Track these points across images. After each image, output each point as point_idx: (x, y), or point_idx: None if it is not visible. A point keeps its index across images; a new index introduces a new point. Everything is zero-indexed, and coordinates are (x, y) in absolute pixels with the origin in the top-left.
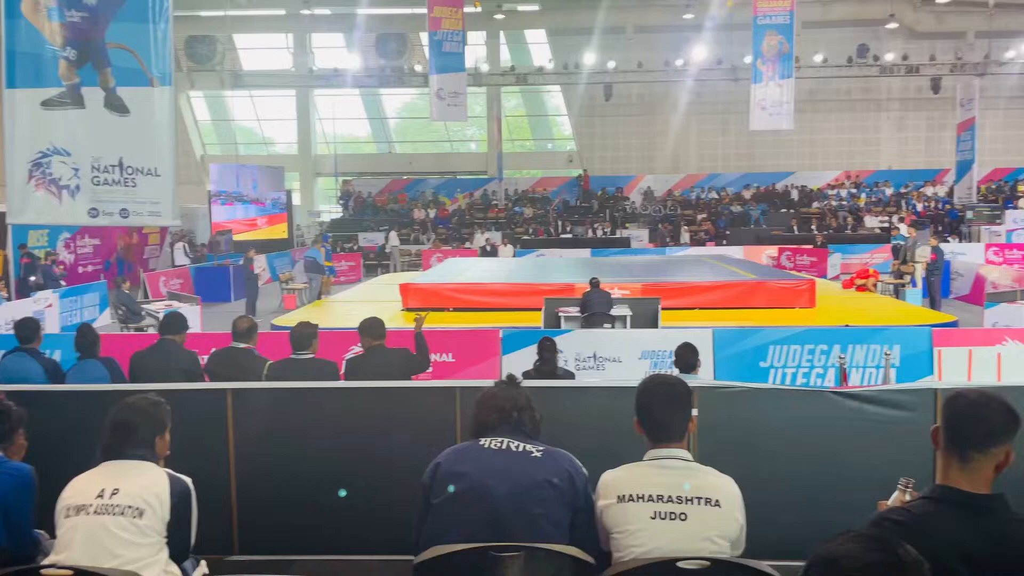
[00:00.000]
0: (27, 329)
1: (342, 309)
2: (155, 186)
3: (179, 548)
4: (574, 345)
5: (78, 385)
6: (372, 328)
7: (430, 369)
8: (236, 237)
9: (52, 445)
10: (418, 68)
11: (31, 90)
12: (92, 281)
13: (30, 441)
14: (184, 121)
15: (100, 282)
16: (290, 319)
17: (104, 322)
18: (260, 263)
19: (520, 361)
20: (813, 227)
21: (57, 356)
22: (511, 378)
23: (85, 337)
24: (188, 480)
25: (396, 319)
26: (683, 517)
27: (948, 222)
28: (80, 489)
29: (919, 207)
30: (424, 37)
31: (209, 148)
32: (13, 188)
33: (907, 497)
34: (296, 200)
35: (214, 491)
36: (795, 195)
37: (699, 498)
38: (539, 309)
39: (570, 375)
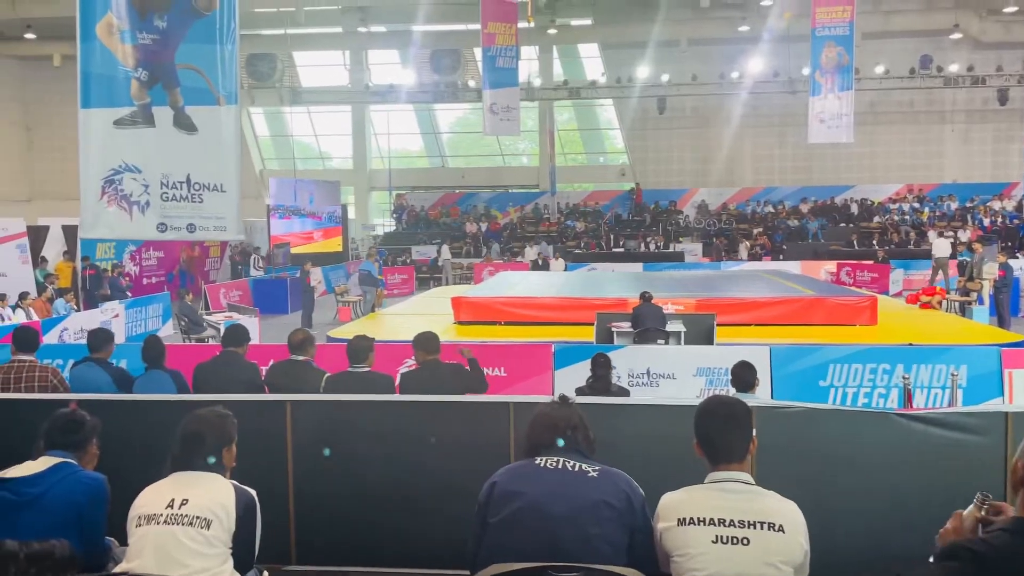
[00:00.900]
0: (98, 339)
1: (395, 322)
2: (221, 201)
3: (244, 558)
4: (627, 361)
5: (146, 396)
6: (427, 342)
7: (486, 389)
8: (293, 250)
9: (121, 454)
10: (471, 83)
11: (104, 110)
12: (156, 292)
13: (100, 450)
14: (244, 136)
15: (163, 293)
16: (345, 331)
17: (167, 332)
18: (316, 276)
19: (572, 376)
20: (874, 242)
21: (123, 366)
22: (563, 399)
23: (153, 348)
24: (253, 492)
25: (448, 332)
26: (745, 542)
27: (1018, 238)
28: (151, 499)
29: (986, 222)
30: (478, 53)
31: (268, 163)
32: (86, 204)
33: (982, 514)
34: (351, 214)
35: (273, 501)
36: (855, 209)
37: (762, 522)
38: (591, 324)
39: (624, 392)
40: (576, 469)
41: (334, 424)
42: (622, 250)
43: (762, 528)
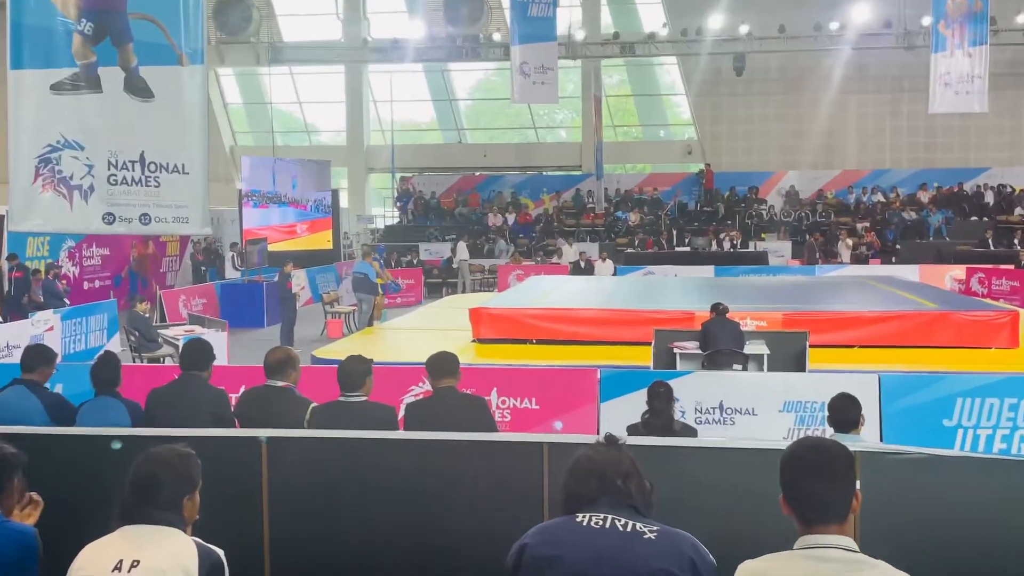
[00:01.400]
0: (34, 358)
1: (398, 339)
2: (182, 186)
3: None
4: (694, 391)
5: (91, 429)
6: (443, 365)
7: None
8: (271, 247)
9: (56, 502)
10: (496, 37)
11: (39, 71)
12: (100, 300)
13: (27, 495)
14: (212, 105)
15: (109, 301)
16: (336, 350)
17: (113, 349)
18: (299, 280)
19: (624, 411)
20: (1015, 240)
21: (59, 391)
22: (611, 439)
23: (107, 368)
24: (220, 552)
25: (465, 352)
26: None
27: None
28: (93, 559)
29: None
30: None
31: (240, 138)
32: (16, 189)
33: None
34: (344, 202)
35: (246, 563)
36: (990, 198)
37: None
38: (648, 343)
39: (691, 431)
40: (628, 529)
41: (322, 467)
42: (687, 249)
43: None
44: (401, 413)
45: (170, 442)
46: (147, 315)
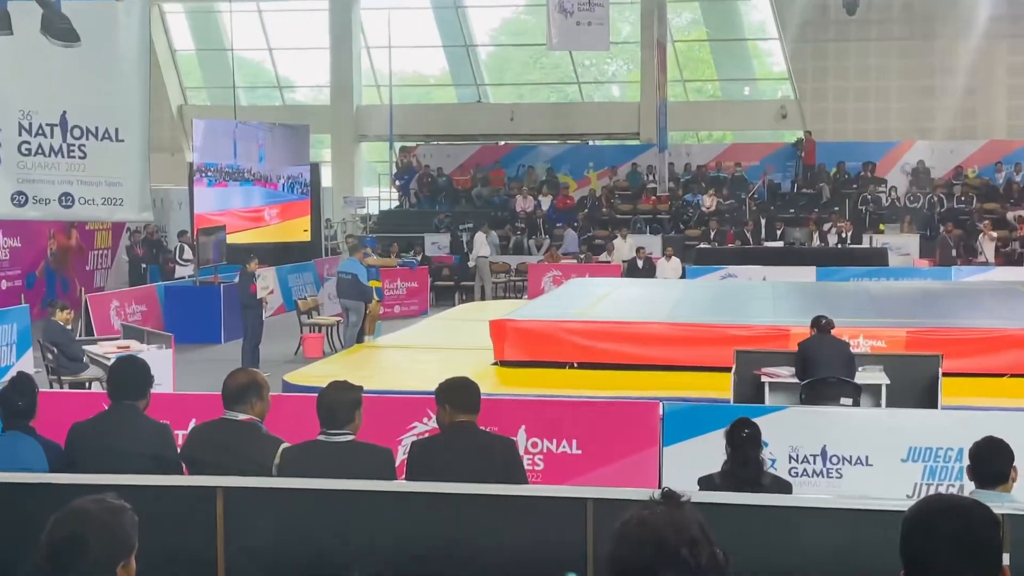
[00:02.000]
0: None
1: (398, 360)
2: (115, 158)
3: None
4: (788, 433)
5: None
6: (458, 396)
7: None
8: (231, 238)
9: None
10: None
11: None
12: (8, 305)
13: None
14: (155, 51)
15: (20, 307)
16: (315, 374)
17: (25, 370)
18: (267, 281)
19: (693, 457)
20: None
21: None
22: (672, 496)
23: (20, 394)
24: None
25: (486, 378)
26: None
27: None
28: None
29: None
30: None
31: (192, 95)
32: None
33: None
34: (326, 179)
35: None
36: None
37: None
38: (727, 369)
39: (783, 486)
40: None
41: (295, 526)
42: (780, 245)
43: None
44: (400, 457)
45: (97, 492)
46: (69, 326)
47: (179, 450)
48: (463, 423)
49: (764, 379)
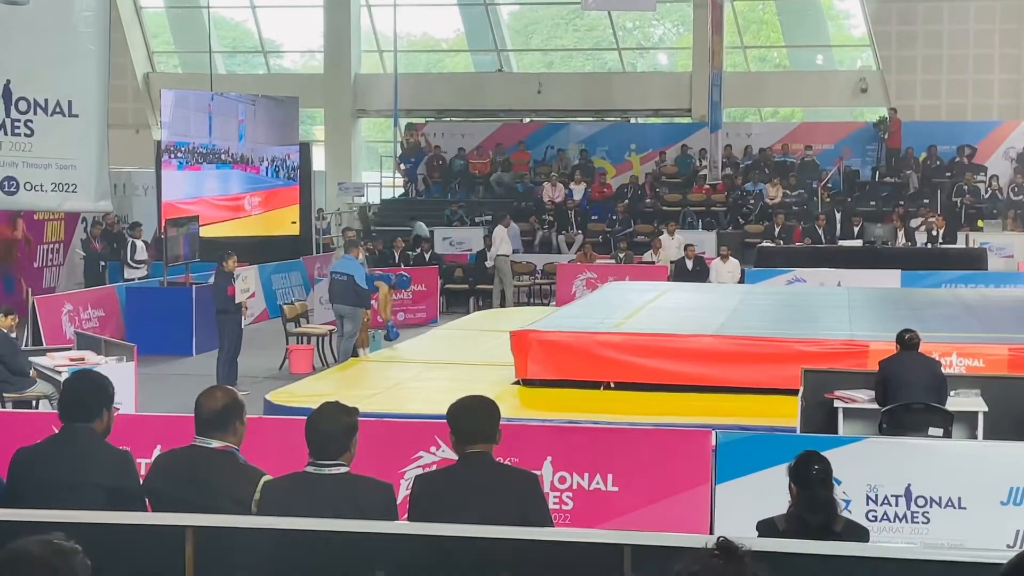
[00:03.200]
0: None
1: (401, 377)
2: (68, 136)
3: None
4: (866, 470)
5: None
6: (473, 421)
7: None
8: (205, 231)
9: None
10: None
11: None
12: None
13: None
14: (116, 9)
15: None
16: (303, 393)
17: None
18: (248, 282)
19: (752, 496)
20: None
21: None
22: (727, 547)
23: None
24: None
25: (506, 400)
26: None
27: None
28: None
29: None
30: None
31: (161, 61)
32: None
33: None
34: (318, 162)
35: None
36: None
37: None
38: (793, 392)
39: (859, 532)
40: None
41: (277, 572)
42: (858, 243)
43: None
44: (404, 492)
45: (44, 531)
46: (13, 334)
47: (142, 482)
48: (477, 454)
49: (837, 404)
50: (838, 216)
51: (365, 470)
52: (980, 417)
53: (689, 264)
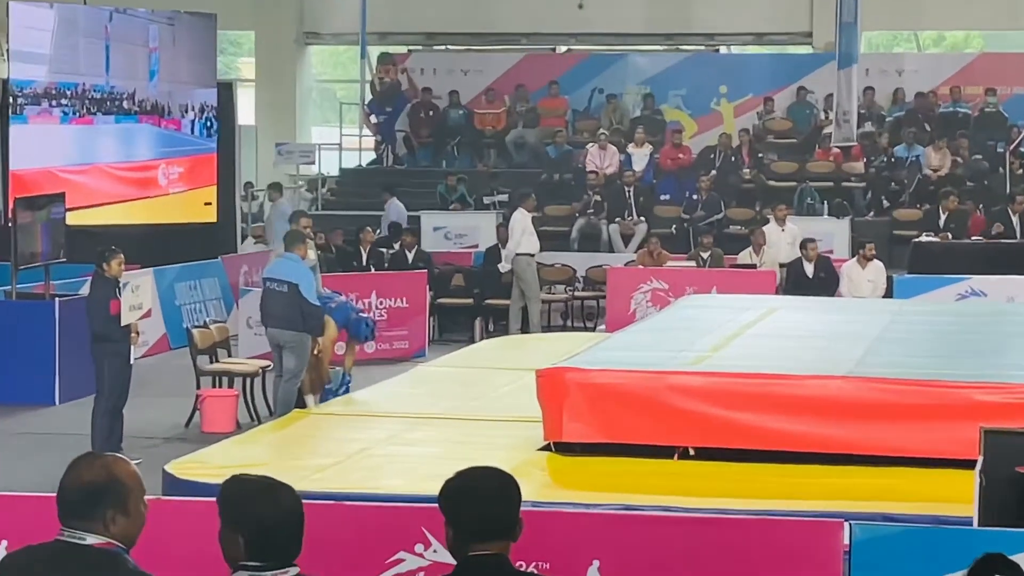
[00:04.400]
0: None
1: (371, 439)
2: None
3: None
4: None
5: None
6: (478, 505)
7: None
8: (74, 217)
9: None
10: None
11: None
12: None
13: None
14: None
15: None
16: (220, 464)
17: None
18: (140, 293)
19: None
20: None
21: None
22: None
23: None
24: None
25: (532, 474)
26: None
27: None
28: None
29: None
30: None
31: None
32: None
33: None
34: (247, 115)
35: None
36: None
37: None
38: (968, 463)
39: None
40: None
41: None
42: None
43: None
44: None
45: None
46: None
47: None
48: (486, 557)
49: None
50: None
51: (317, 572)
52: None
53: (809, 269)
